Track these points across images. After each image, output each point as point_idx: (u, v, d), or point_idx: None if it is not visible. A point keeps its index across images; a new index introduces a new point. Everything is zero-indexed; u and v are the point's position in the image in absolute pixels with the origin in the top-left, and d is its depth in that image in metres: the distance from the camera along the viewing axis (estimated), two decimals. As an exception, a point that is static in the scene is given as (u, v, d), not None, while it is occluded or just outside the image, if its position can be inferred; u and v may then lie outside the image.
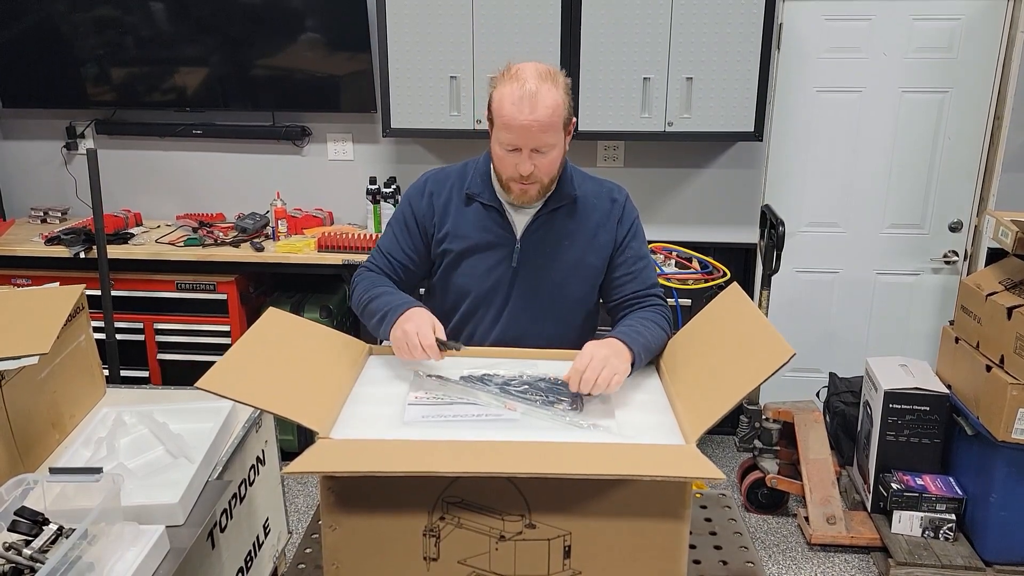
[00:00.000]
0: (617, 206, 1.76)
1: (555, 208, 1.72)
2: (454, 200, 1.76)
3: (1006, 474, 2.64)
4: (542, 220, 1.73)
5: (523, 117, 1.55)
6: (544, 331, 1.74)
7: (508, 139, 1.59)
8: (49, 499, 1.56)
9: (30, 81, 3.59)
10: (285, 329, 1.49)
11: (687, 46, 3.08)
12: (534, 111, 1.55)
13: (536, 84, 1.56)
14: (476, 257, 1.75)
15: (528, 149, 1.59)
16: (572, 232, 1.73)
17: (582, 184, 1.78)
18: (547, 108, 1.56)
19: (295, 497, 3.27)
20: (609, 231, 1.74)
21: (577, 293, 1.75)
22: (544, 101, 1.55)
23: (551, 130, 1.58)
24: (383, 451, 1.16)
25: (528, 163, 1.60)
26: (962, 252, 3.54)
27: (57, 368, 1.93)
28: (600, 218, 1.74)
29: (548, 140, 1.59)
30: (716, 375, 1.32)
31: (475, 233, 1.74)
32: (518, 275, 1.73)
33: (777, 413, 3.14)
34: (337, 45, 3.45)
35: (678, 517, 1.14)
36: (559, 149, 1.64)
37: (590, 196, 1.75)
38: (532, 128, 1.56)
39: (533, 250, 1.72)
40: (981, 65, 3.33)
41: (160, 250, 3.37)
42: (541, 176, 1.64)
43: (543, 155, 1.61)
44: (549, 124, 1.57)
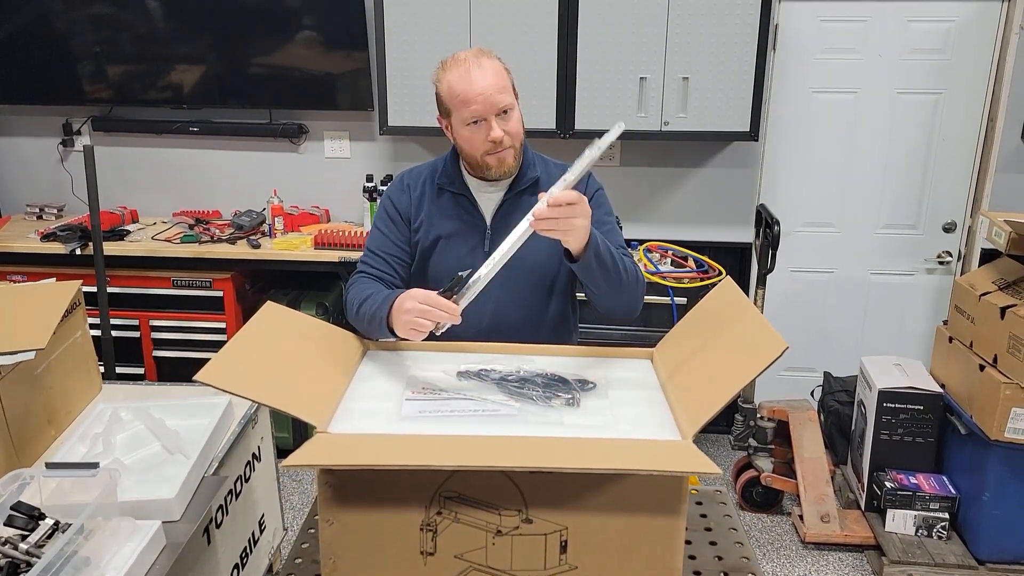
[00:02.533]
0: (579, 182, 1.80)
1: (520, 191, 1.81)
2: (427, 193, 1.85)
3: (999, 473, 2.65)
4: (509, 203, 1.80)
5: (477, 86, 1.66)
6: (526, 311, 1.80)
7: (472, 112, 1.68)
8: (45, 494, 1.57)
9: (26, 78, 3.58)
10: (283, 323, 1.49)
11: (683, 46, 3.09)
12: (484, 77, 1.67)
13: (476, 58, 1.70)
14: (449, 244, 1.82)
15: (492, 115, 1.68)
16: None
17: (544, 166, 1.87)
18: (492, 71, 1.69)
19: (291, 494, 3.28)
20: None
21: (552, 270, 1.80)
22: (487, 67, 1.69)
23: (505, 90, 1.70)
24: (380, 445, 1.16)
25: (498, 128, 1.69)
26: (956, 252, 3.56)
27: (53, 364, 1.93)
28: None
29: (507, 100, 1.70)
30: (711, 370, 1.32)
31: (447, 221, 1.82)
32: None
33: (772, 412, 3.15)
34: (335, 43, 3.45)
35: (674, 512, 1.15)
36: (518, 112, 1.74)
37: (553, 176, 1.80)
38: (488, 92, 1.67)
39: (503, 232, 1.73)
40: (975, 67, 3.34)
41: (156, 247, 3.36)
42: (513, 140, 1.74)
43: (507, 117, 1.71)
44: (501, 85, 1.69)
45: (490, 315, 1.76)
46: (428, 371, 1.47)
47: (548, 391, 1.38)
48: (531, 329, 1.80)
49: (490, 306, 1.76)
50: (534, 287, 1.81)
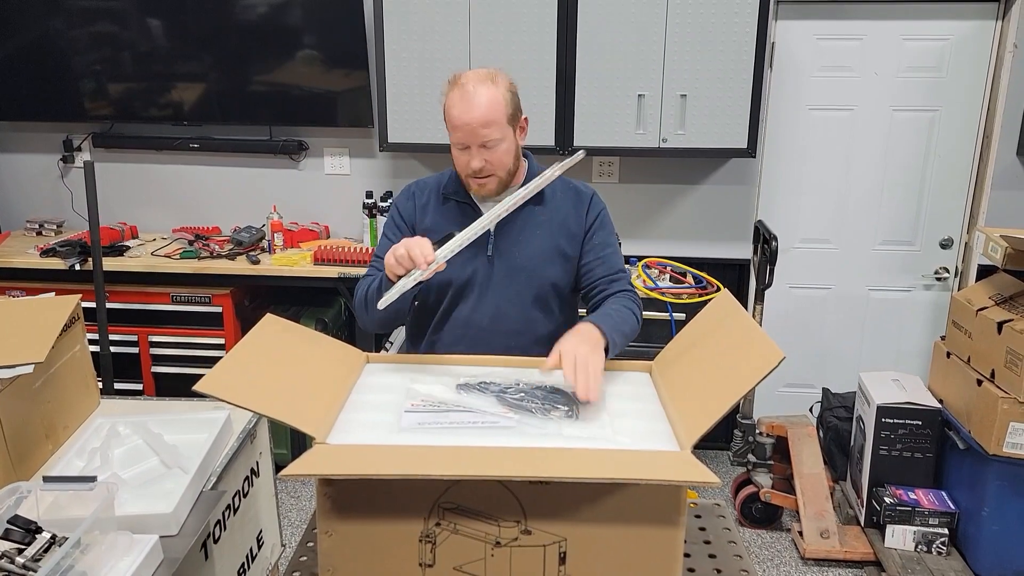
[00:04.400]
0: (584, 197, 1.89)
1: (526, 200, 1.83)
2: (432, 201, 1.91)
3: (998, 488, 2.65)
4: (513, 212, 1.81)
5: (465, 116, 1.70)
6: (528, 317, 1.84)
7: (457, 139, 1.74)
8: (43, 508, 1.56)
9: (28, 94, 3.61)
10: (283, 335, 1.50)
11: (681, 64, 3.12)
12: (473, 110, 1.69)
13: (474, 85, 1.71)
14: None
15: (476, 145, 1.72)
16: (542, 221, 1.84)
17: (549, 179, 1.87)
18: (484, 105, 1.70)
19: (288, 511, 3.26)
20: (578, 220, 1.86)
21: (553, 277, 1.84)
22: (481, 99, 1.70)
23: (493, 125, 1.71)
24: (379, 456, 1.16)
25: (478, 159, 1.73)
26: (953, 268, 3.57)
27: (52, 378, 1.93)
28: (568, 208, 1.87)
29: (492, 135, 1.72)
30: (709, 381, 1.33)
31: (451, 227, 1.85)
32: (494, 264, 1.84)
33: (771, 428, 3.14)
34: (335, 62, 3.48)
35: (673, 523, 1.15)
36: (507, 143, 1.76)
37: (557, 189, 1.87)
38: (473, 125, 1.70)
39: (506, 240, 1.84)
40: (970, 84, 3.37)
41: (156, 262, 3.37)
42: (494, 169, 1.76)
43: (490, 150, 1.73)
44: (489, 119, 1.71)
45: (490, 316, 1.82)
46: (427, 384, 1.47)
47: (547, 403, 1.39)
48: (529, 336, 1.82)
49: (491, 308, 1.82)
50: (535, 296, 1.84)
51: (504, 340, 1.80)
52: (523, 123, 1.82)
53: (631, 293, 1.83)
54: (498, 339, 1.80)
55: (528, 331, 1.83)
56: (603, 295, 1.82)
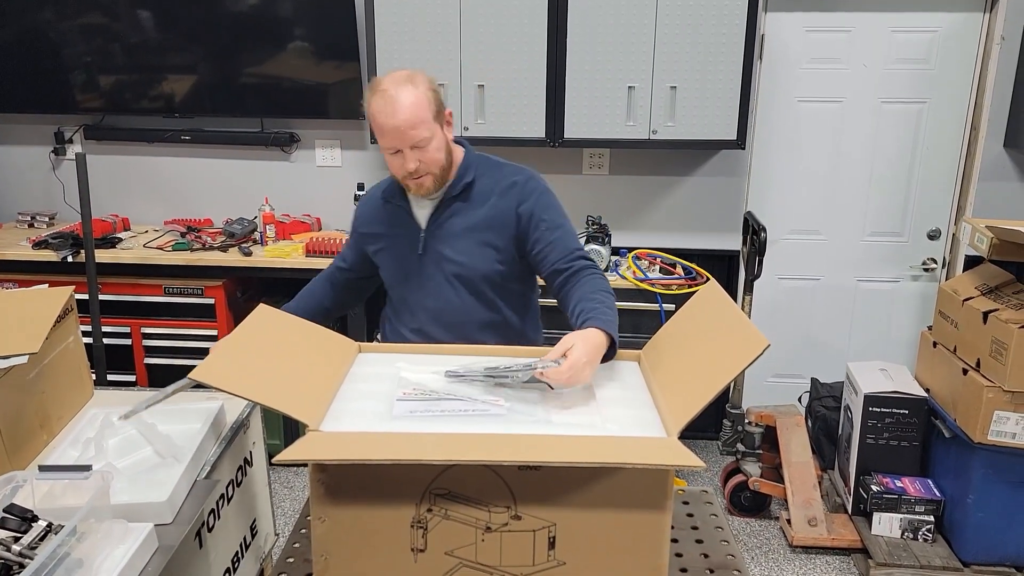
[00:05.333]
0: (516, 187, 1.89)
1: (453, 196, 1.88)
2: (376, 204, 1.99)
3: (982, 476, 2.69)
4: (442, 209, 1.89)
5: (392, 120, 1.72)
6: (465, 308, 1.88)
7: (387, 144, 1.76)
8: (38, 497, 1.57)
9: (19, 86, 3.60)
10: (276, 325, 1.52)
11: (671, 56, 3.13)
12: (399, 113, 1.71)
13: (396, 89, 1.73)
14: (389, 251, 1.95)
15: (407, 148, 1.75)
16: (470, 216, 1.87)
17: (483, 171, 1.91)
18: (408, 107, 1.72)
19: (282, 501, 3.28)
20: (508, 212, 1.87)
21: (483, 270, 1.87)
22: (404, 102, 1.72)
23: (420, 125, 1.74)
24: (372, 442, 1.18)
25: (412, 160, 1.76)
26: (941, 259, 3.60)
27: (46, 369, 1.94)
28: (497, 200, 1.88)
29: (421, 134, 1.74)
30: (695, 369, 1.35)
31: (387, 229, 1.95)
32: (423, 262, 1.90)
33: (760, 417, 3.18)
34: (326, 54, 3.48)
35: (660, 508, 1.17)
36: (437, 139, 1.78)
37: (489, 181, 1.90)
38: (402, 128, 1.72)
39: (436, 238, 1.89)
40: (958, 76, 3.40)
41: (148, 254, 3.38)
42: (429, 168, 1.79)
43: (422, 149, 1.76)
44: (416, 120, 1.73)
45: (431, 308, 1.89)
46: (419, 372, 1.49)
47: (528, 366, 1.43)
48: (472, 324, 1.88)
49: (430, 301, 1.89)
50: (469, 290, 1.89)
51: (448, 330, 1.87)
52: (448, 117, 1.85)
53: (595, 271, 1.84)
54: (443, 328, 1.87)
55: (469, 320, 1.89)
56: (566, 279, 1.82)
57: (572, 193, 3.65)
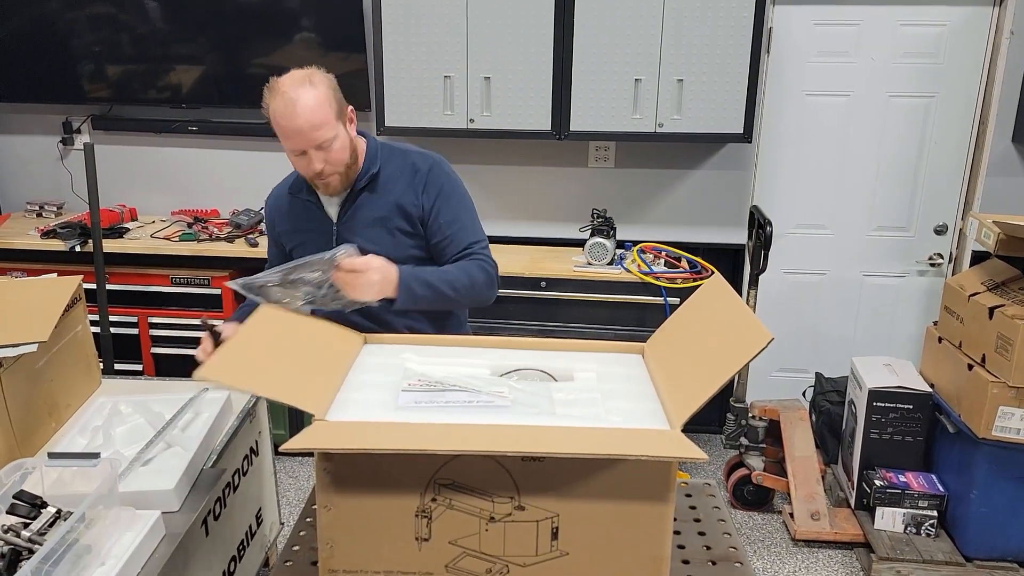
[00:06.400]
0: (420, 175, 1.90)
1: (360, 188, 1.89)
2: (285, 202, 2.00)
3: (986, 471, 2.69)
4: (350, 201, 1.91)
5: (295, 123, 1.72)
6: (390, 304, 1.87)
7: (291, 146, 1.77)
8: (47, 484, 1.59)
9: (27, 76, 3.61)
10: (280, 321, 1.53)
11: (678, 49, 3.13)
12: (300, 115, 1.71)
13: (295, 91, 1.72)
14: (304, 247, 1.94)
15: (312, 149, 1.75)
16: (377, 204, 1.89)
17: (389, 159, 1.92)
18: (309, 108, 1.72)
19: (287, 490, 3.30)
20: (412, 199, 1.89)
21: (398, 259, 1.85)
22: (305, 104, 1.72)
23: (323, 126, 1.74)
24: (377, 431, 1.19)
25: (317, 161, 1.77)
26: (947, 255, 3.60)
27: (54, 357, 1.96)
28: (402, 188, 1.89)
29: (324, 135, 1.75)
30: (699, 362, 1.35)
31: (300, 225, 1.97)
32: None
33: (763, 411, 3.18)
34: (332, 45, 3.48)
35: (663, 500, 1.18)
36: (341, 139, 1.79)
37: (395, 169, 1.91)
38: (303, 129, 1.72)
39: (347, 230, 1.91)
40: (966, 71, 3.39)
41: (155, 245, 3.39)
42: (335, 168, 1.81)
43: (327, 150, 1.77)
44: (318, 122, 1.73)
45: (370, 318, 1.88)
46: (424, 364, 1.50)
47: None
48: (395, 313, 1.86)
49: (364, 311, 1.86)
50: None
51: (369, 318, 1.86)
52: (350, 114, 1.85)
53: (478, 257, 1.87)
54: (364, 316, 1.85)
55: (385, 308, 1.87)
56: None
57: (577, 186, 3.65)
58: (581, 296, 3.24)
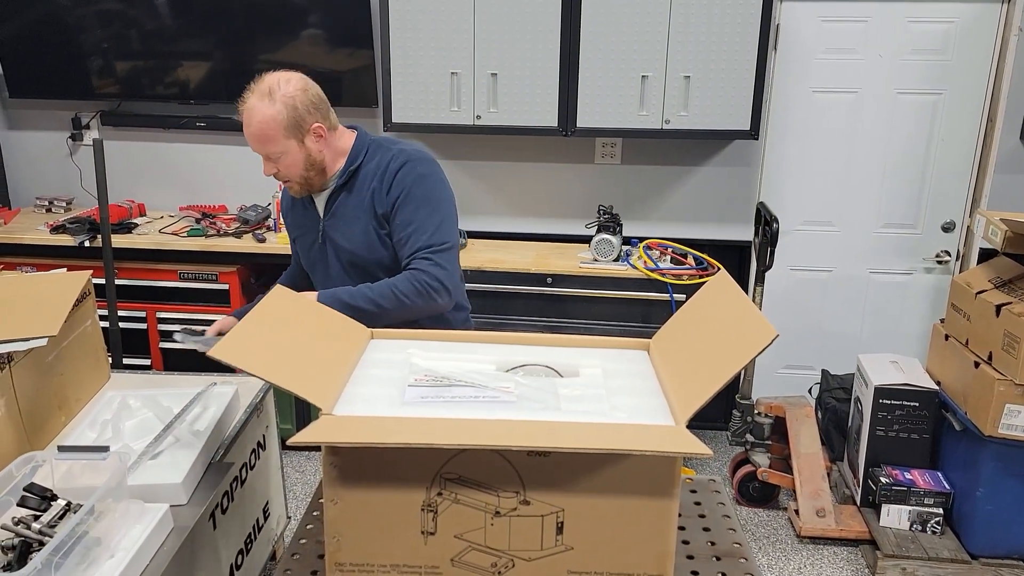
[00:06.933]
0: (388, 174, 1.91)
1: (340, 186, 1.94)
2: (290, 198, 2.08)
3: (992, 468, 2.69)
4: (333, 199, 1.96)
5: (247, 131, 1.84)
6: None
7: (252, 148, 1.88)
8: (57, 476, 1.61)
9: (37, 72, 3.63)
10: (291, 307, 1.54)
11: (685, 45, 3.13)
12: (248, 127, 1.83)
13: (254, 102, 1.82)
14: (301, 240, 2.08)
15: (263, 157, 1.86)
16: (355, 204, 1.93)
17: (371, 156, 1.95)
18: (256, 125, 1.81)
19: (293, 485, 3.32)
20: (380, 199, 1.92)
21: (376, 257, 1.94)
22: (254, 119, 1.81)
23: (269, 142, 1.82)
24: (384, 426, 1.20)
25: (269, 167, 1.87)
26: (954, 252, 3.59)
27: (64, 351, 1.97)
28: (375, 187, 1.92)
29: (271, 149, 1.83)
30: (704, 358, 1.36)
31: (298, 220, 2.07)
32: (325, 250, 1.98)
33: (769, 408, 3.18)
34: (340, 41, 3.49)
35: (667, 495, 1.18)
36: (290, 155, 1.85)
37: (373, 166, 1.93)
38: (251, 141, 1.84)
39: (331, 225, 1.97)
40: (975, 67, 3.37)
41: (163, 240, 3.41)
42: (288, 176, 1.89)
43: (275, 162, 1.86)
44: (263, 137, 1.82)
45: None
46: (430, 359, 1.51)
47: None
48: None
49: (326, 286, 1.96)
50: (366, 276, 1.94)
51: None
52: (315, 129, 1.86)
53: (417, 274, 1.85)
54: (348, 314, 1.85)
55: None
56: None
57: (584, 182, 3.65)
58: (587, 292, 3.24)
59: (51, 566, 1.33)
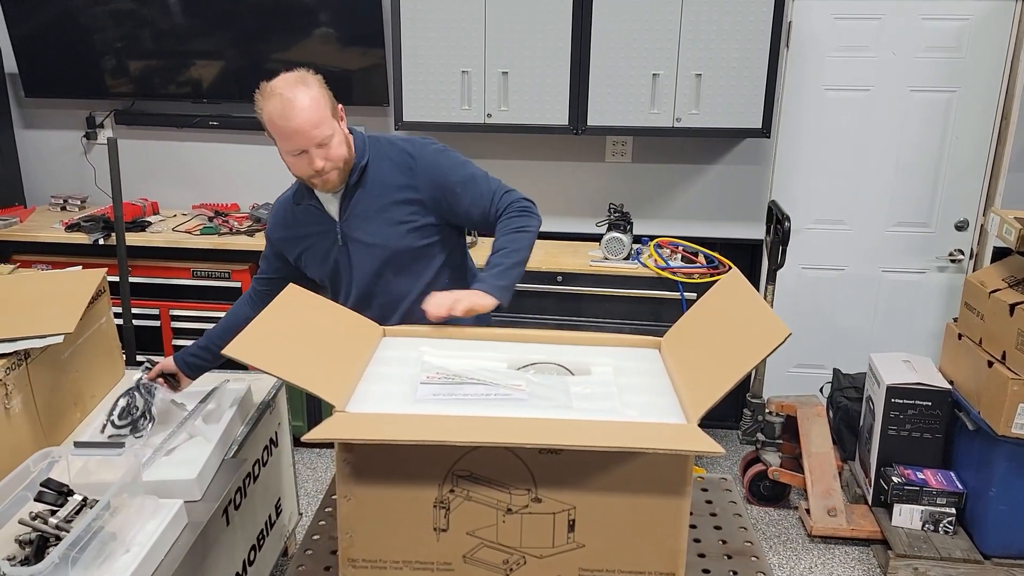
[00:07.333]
0: (411, 158, 1.93)
1: (353, 184, 1.92)
2: (288, 210, 2.02)
3: (1006, 468, 2.67)
4: (347, 198, 1.93)
5: (294, 123, 1.75)
6: (403, 289, 1.94)
7: (290, 147, 1.79)
8: (73, 472, 1.63)
9: (51, 72, 3.66)
10: (304, 305, 1.55)
11: (697, 43, 3.12)
12: (300, 115, 1.75)
13: (292, 92, 1.76)
14: (311, 250, 1.99)
15: (312, 147, 1.78)
16: (374, 197, 1.92)
17: (376, 151, 1.95)
18: (307, 108, 1.76)
19: (305, 481, 3.34)
20: (409, 184, 1.91)
21: (399, 246, 1.92)
22: (302, 103, 1.76)
23: (322, 124, 1.78)
24: (397, 423, 1.21)
25: (319, 159, 1.80)
26: (968, 251, 3.56)
27: (79, 348, 1.99)
28: (398, 175, 1.92)
29: (323, 132, 1.79)
30: (716, 356, 1.36)
31: (305, 230, 1.99)
32: (347, 250, 1.94)
33: (780, 407, 3.18)
34: (351, 40, 3.50)
35: (679, 493, 1.19)
36: (338, 135, 1.83)
37: (384, 159, 1.93)
38: (304, 128, 1.76)
39: (350, 225, 1.94)
40: (989, 65, 3.35)
41: (177, 238, 3.43)
42: (335, 164, 1.84)
43: (327, 147, 1.80)
44: (316, 120, 1.77)
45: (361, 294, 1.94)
46: (442, 357, 1.51)
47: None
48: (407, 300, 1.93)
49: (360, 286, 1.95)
50: (393, 267, 1.94)
51: (382, 310, 1.91)
52: (341, 112, 1.89)
53: (515, 205, 1.93)
54: (378, 309, 1.90)
55: (400, 296, 1.94)
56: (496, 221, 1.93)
57: (594, 181, 3.65)
58: (598, 291, 3.24)
59: (68, 560, 1.35)
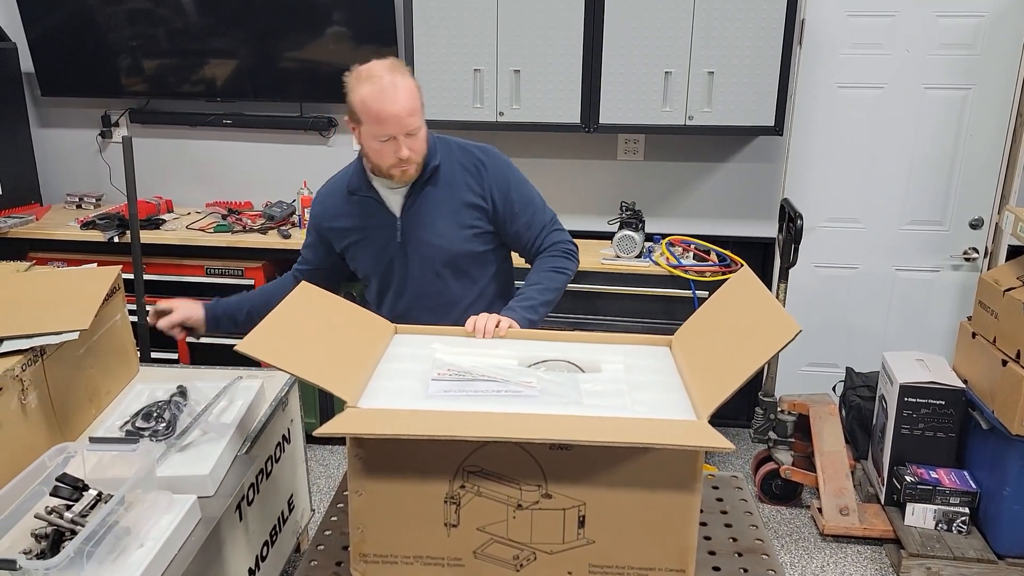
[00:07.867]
0: (484, 168, 1.94)
1: (424, 180, 1.91)
2: (339, 201, 2.00)
3: (1020, 468, 2.65)
4: (414, 194, 1.92)
5: (391, 108, 1.75)
6: (457, 293, 1.95)
7: (382, 131, 1.78)
8: (88, 467, 1.64)
9: (67, 71, 3.69)
10: (316, 303, 1.56)
11: (709, 41, 3.11)
12: (399, 101, 1.75)
13: (391, 77, 1.76)
14: (365, 242, 1.98)
15: (402, 135, 1.78)
16: (442, 198, 1.92)
17: (448, 152, 1.95)
18: (406, 93, 1.76)
19: (317, 478, 3.35)
20: (477, 191, 1.92)
21: (460, 249, 1.93)
22: (402, 88, 1.76)
23: (415, 112, 1.79)
24: (408, 419, 1.22)
25: (405, 148, 1.80)
26: (983, 249, 3.54)
27: (94, 345, 2.01)
28: (468, 179, 1.93)
29: (416, 122, 1.79)
30: (726, 353, 1.36)
31: (359, 221, 1.97)
32: (406, 248, 1.93)
33: (792, 406, 3.17)
34: (364, 38, 3.52)
35: (689, 490, 1.19)
36: (424, 129, 1.85)
37: (455, 162, 1.94)
38: (401, 115, 1.76)
39: (412, 222, 1.93)
40: (1004, 62, 3.32)
41: (190, 236, 3.46)
42: (418, 155, 1.85)
43: (414, 136, 1.81)
44: (413, 107, 1.78)
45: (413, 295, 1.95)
46: (453, 354, 1.52)
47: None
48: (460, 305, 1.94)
49: (413, 288, 1.95)
50: (450, 270, 1.94)
51: (433, 311, 1.91)
52: None
53: (560, 246, 1.98)
54: (428, 310, 1.91)
55: (453, 299, 1.95)
56: (537, 254, 1.98)
57: (606, 178, 3.65)
58: (609, 289, 3.24)
59: (83, 555, 1.37)
